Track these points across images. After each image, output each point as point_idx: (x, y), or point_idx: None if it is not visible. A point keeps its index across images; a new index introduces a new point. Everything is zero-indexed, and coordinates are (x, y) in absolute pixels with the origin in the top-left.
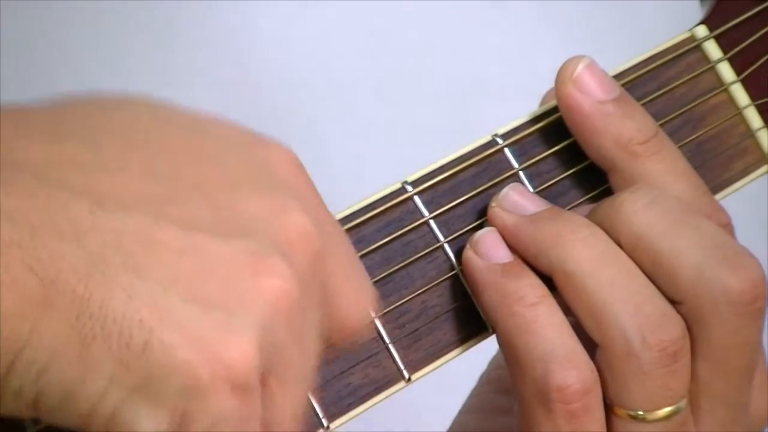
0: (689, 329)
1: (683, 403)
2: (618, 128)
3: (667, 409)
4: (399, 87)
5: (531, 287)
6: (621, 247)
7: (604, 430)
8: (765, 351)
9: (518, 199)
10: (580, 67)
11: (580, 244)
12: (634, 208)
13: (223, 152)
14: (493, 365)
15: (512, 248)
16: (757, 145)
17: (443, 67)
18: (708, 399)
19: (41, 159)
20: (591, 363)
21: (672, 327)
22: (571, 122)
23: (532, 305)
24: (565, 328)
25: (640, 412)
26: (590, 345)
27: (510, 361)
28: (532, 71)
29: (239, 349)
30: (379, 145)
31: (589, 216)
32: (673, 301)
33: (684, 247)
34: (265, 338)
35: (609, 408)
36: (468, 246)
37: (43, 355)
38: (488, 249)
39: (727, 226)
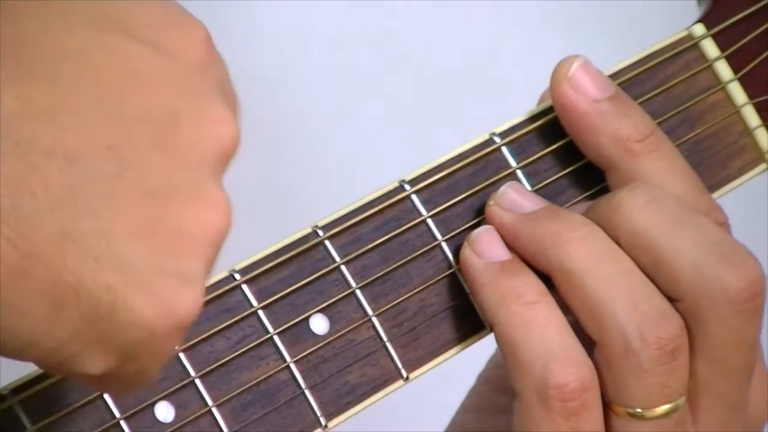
0: (688, 327)
1: (682, 400)
2: (615, 126)
3: (665, 407)
4: (397, 87)
5: (529, 285)
6: (619, 244)
7: (603, 428)
8: (764, 350)
9: (516, 198)
10: (575, 67)
11: (578, 243)
12: (632, 206)
13: (147, 56)
14: (492, 364)
15: (510, 247)
16: (755, 144)
17: (442, 68)
18: (706, 397)
19: (10, 109)
20: (589, 361)
21: (670, 325)
22: (567, 121)
23: (530, 304)
24: (564, 326)
25: (639, 410)
26: (588, 344)
27: (508, 359)
28: (531, 71)
29: (191, 300)
30: (377, 145)
31: (587, 213)
32: (671, 299)
33: (683, 245)
34: (208, 273)
35: (607, 406)
36: (466, 244)
37: (12, 317)
38: (486, 247)
39: (724, 225)
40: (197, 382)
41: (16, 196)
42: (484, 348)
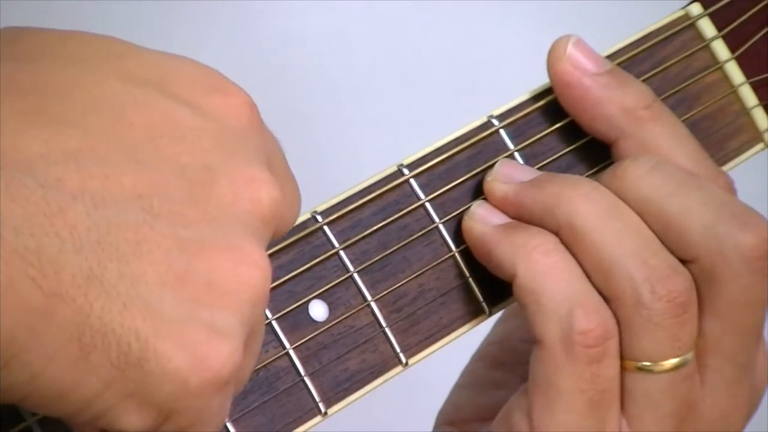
0: (699, 288)
1: (690, 355)
2: (620, 96)
3: (674, 360)
4: (399, 82)
5: (542, 235)
6: None
7: (618, 379)
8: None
9: (512, 171)
10: (570, 45)
11: (583, 199)
12: (638, 173)
13: (183, 114)
14: (486, 342)
15: (515, 216)
16: (752, 123)
17: (444, 65)
18: (716, 356)
19: (36, 152)
20: (609, 310)
21: (680, 278)
22: (570, 98)
23: (548, 251)
24: (583, 275)
25: (648, 363)
26: None
27: (530, 307)
28: (532, 69)
29: (226, 353)
30: (378, 138)
31: None
32: (683, 261)
33: (692, 206)
34: (246, 331)
35: None
36: (465, 219)
37: (40, 362)
38: (486, 216)
39: (731, 188)
40: None
41: (41, 236)
42: (481, 334)
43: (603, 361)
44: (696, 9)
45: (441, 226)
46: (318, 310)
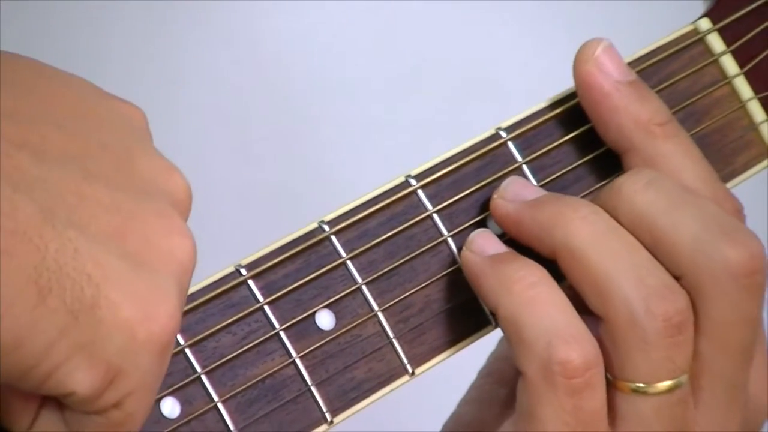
0: (692, 306)
1: (685, 378)
2: (636, 108)
3: (668, 383)
4: (403, 86)
5: (529, 268)
6: (622, 226)
7: (605, 407)
8: (766, 334)
9: (519, 189)
10: (600, 49)
11: (581, 222)
12: (634, 188)
13: (98, 108)
14: (493, 357)
15: (514, 234)
16: (760, 139)
17: (447, 67)
18: (707, 377)
19: None
20: (593, 339)
21: (676, 298)
22: (590, 101)
23: (531, 284)
24: (567, 305)
25: (642, 385)
26: (592, 326)
27: (512, 339)
28: (535, 70)
29: (168, 310)
30: (383, 142)
31: (591, 201)
32: (675, 277)
33: (683, 222)
34: (181, 296)
35: (611, 383)
36: (464, 247)
37: (1, 305)
38: (482, 245)
39: (739, 213)
40: (203, 377)
41: None
42: (488, 345)
43: (584, 392)
44: (705, 24)
45: (449, 239)
46: (325, 320)
